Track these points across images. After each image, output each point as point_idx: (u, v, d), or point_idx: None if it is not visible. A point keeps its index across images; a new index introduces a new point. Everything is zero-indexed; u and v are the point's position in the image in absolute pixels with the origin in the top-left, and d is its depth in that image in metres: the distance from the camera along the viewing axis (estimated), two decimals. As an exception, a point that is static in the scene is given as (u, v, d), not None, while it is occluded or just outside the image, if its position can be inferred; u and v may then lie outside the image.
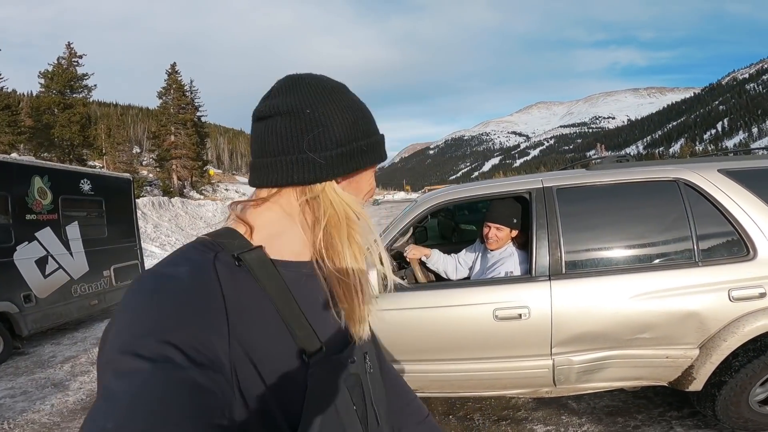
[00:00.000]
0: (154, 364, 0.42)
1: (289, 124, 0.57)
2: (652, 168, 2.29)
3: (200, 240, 0.57)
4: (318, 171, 0.57)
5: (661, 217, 2.20)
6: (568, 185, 2.28)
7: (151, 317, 0.46)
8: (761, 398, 2.16)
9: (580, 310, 2.10)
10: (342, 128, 0.58)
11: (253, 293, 0.54)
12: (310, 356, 0.56)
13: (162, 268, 0.52)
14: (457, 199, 2.44)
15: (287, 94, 0.58)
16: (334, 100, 0.59)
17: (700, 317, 2.04)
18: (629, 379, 2.23)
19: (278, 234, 0.60)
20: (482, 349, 2.21)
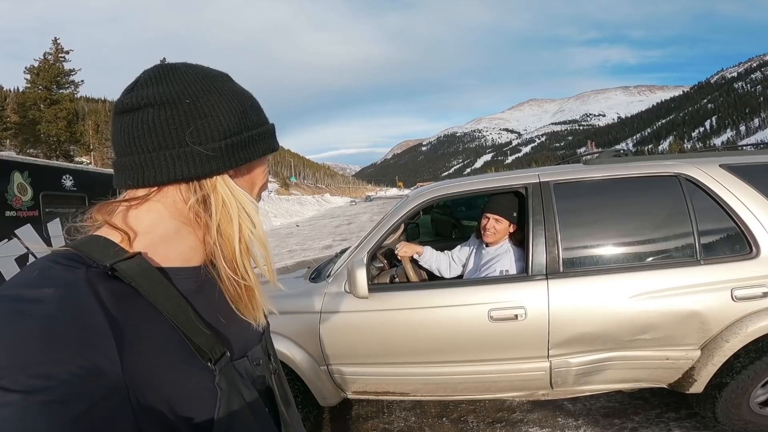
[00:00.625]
0: (26, 396, 0.36)
1: (167, 116, 0.50)
2: (652, 163, 2.21)
3: (60, 253, 0.48)
4: (206, 164, 0.51)
5: (662, 214, 2.12)
6: (566, 180, 2.19)
7: (15, 348, 0.38)
8: (762, 400, 2.10)
9: (578, 311, 2.01)
10: (229, 118, 0.53)
11: (140, 307, 0.48)
12: (215, 362, 0.53)
13: (17, 291, 0.43)
14: (450, 194, 2.34)
15: (161, 84, 0.51)
16: (218, 89, 0.54)
17: (701, 317, 1.97)
18: (628, 381, 2.17)
19: (163, 239, 0.53)
20: (477, 351, 2.12)
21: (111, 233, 0.51)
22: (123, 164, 0.52)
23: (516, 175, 2.30)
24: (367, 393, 2.38)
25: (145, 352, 0.47)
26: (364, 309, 2.16)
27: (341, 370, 2.26)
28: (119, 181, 0.53)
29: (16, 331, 0.40)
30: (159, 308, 0.49)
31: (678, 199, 2.08)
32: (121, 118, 0.52)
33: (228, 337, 0.57)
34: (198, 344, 0.51)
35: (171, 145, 0.50)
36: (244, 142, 0.54)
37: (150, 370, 0.47)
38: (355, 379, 2.30)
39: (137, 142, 0.50)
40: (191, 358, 0.51)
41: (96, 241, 0.50)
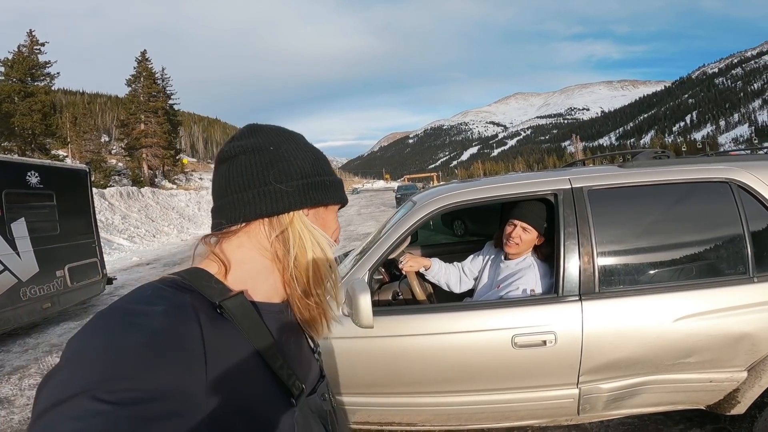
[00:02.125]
0: (117, 409, 0.39)
1: (255, 160, 0.58)
2: (699, 167, 1.95)
3: (169, 279, 0.54)
4: (286, 200, 0.58)
5: (711, 225, 1.88)
6: (602, 186, 1.91)
7: (118, 359, 0.42)
8: None
9: (616, 335, 1.76)
10: (305, 162, 0.61)
11: (235, 341, 0.53)
12: (297, 399, 0.57)
13: (131, 305, 0.48)
14: (464, 201, 2.01)
15: (250, 137, 0.61)
16: (294, 140, 0.63)
17: (752, 339, 1.76)
18: (664, 404, 1.96)
19: (251, 273, 0.59)
20: (497, 380, 1.86)
21: (209, 264, 0.58)
22: (219, 206, 0.60)
23: (543, 180, 2.00)
24: (369, 424, 2.11)
25: (233, 382, 0.50)
26: (368, 335, 1.87)
27: (341, 401, 1.99)
28: (216, 224, 0.60)
29: (121, 342, 0.43)
30: (252, 344, 0.54)
31: (729, 209, 1.84)
32: (221, 167, 0.61)
33: (302, 373, 0.61)
34: (283, 381, 0.56)
35: (257, 184, 0.58)
36: (317, 185, 0.61)
37: (235, 400, 0.50)
38: (357, 409, 2.03)
39: (231, 184, 0.58)
40: (276, 393, 0.56)
41: (199, 273, 0.56)
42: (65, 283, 5.69)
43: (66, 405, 0.39)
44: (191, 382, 0.45)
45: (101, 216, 16.22)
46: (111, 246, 13.64)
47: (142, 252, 13.62)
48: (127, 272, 9.70)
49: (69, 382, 0.40)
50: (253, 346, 0.54)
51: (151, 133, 36.85)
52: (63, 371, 0.42)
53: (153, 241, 16.43)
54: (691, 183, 1.90)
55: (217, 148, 40.39)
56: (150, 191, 22.44)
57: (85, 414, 0.38)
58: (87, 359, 0.42)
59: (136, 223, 18.11)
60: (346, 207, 1.99)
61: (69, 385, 0.40)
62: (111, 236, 15.11)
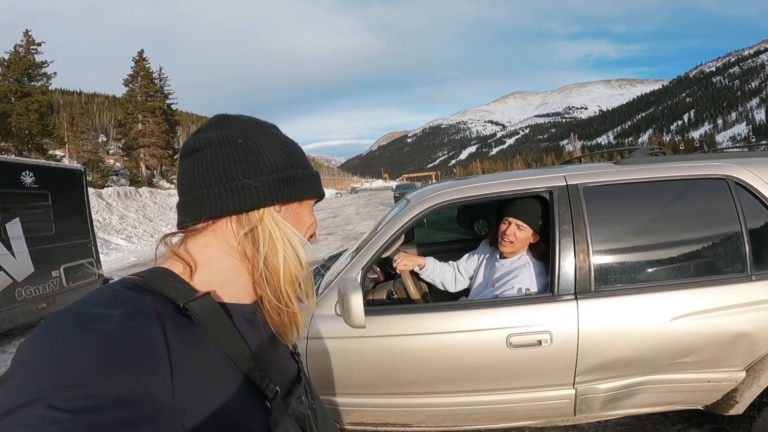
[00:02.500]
0: (75, 417, 0.37)
1: (221, 154, 0.55)
2: (695, 163, 1.92)
3: (129, 281, 0.51)
4: (254, 197, 0.55)
5: (708, 223, 1.86)
6: (597, 183, 1.89)
7: (73, 365, 0.39)
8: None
9: (612, 334, 1.74)
10: (276, 156, 0.58)
11: (203, 344, 0.50)
12: (271, 402, 0.55)
13: (86, 308, 0.46)
14: (459, 198, 1.99)
15: (218, 128, 0.58)
16: (266, 132, 0.59)
17: (751, 338, 1.73)
18: (661, 405, 1.93)
19: (219, 274, 0.56)
20: (493, 380, 1.83)
21: (173, 264, 0.55)
22: (184, 202, 0.56)
23: (538, 177, 1.98)
24: (363, 425, 2.08)
25: (202, 386, 0.48)
26: (360, 335, 1.84)
27: (333, 401, 1.96)
28: (180, 221, 0.57)
29: (76, 347, 0.41)
30: (222, 346, 0.52)
31: (727, 206, 1.81)
32: (185, 161, 0.57)
33: (276, 376, 0.59)
34: (256, 383, 0.54)
35: (224, 179, 0.54)
36: (289, 179, 0.58)
37: (206, 405, 0.48)
38: (350, 410, 2.00)
39: (196, 179, 0.55)
40: (249, 397, 0.53)
41: (161, 273, 0.53)
42: (61, 283, 5.67)
43: (19, 413, 0.36)
44: (155, 388, 0.43)
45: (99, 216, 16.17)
46: (108, 246, 13.60)
47: (140, 252, 13.57)
48: (125, 272, 9.66)
49: (21, 389, 0.38)
50: (222, 349, 0.51)
51: (148, 133, 36.83)
52: (14, 378, 0.39)
53: (151, 242, 16.40)
54: (688, 180, 1.87)
55: (215, 148, 41.12)
56: (148, 191, 22.40)
57: (40, 422, 0.35)
58: (40, 365, 0.39)
59: (133, 223, 18.07)
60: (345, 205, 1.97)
61: (21, 392, 0.37)
62: (108, 236, 15.07)
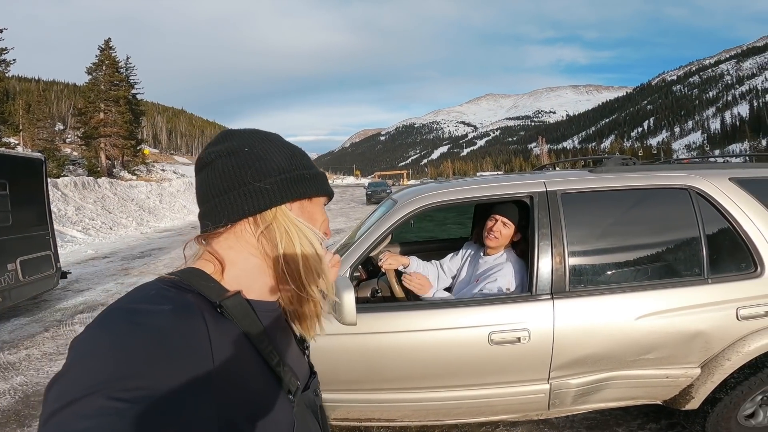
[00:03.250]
0: (132, 407, 0.39)
1: (231, 163, 0.59)
2: (662, 173, 2.08)
3: (169, 280, 0.55)
4: (266, 197, 0.58)
5: (672, 229, 2.02)
6: (574, 189, 2.01)
7: (130, 358, 0.42)
8: (749, 413, 2.10)
9: (584, 332, 1.86)
10: (281, 159, 0.61)
11: (237, 339, 0.54)
12: (294, 395, 0.59)
13: (136, 305, 0.49)
14: (446, 201, 2.07)
15: (225, 141, 0.62)
16: (269, 140, 0.63)
17: (706, 337, 1.89)
18: (625, 399, 2.08)
19: (245, 272, 0.60)
20: (475, 376, 1.92)
21: (204, 265, 0.59)
22: (204, 211, 0.60)
23: (520, 182, 2.09)
24: (349, 420, 2.13)
25: (236, 379, 0.51)
26: (347, 332, 1.88)
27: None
28: (203, 227, 0.60)
29: (131, 341, 0.43)
30: (253, 343, 0.56)
31: (688, 214, 1.97)
32: (200, 175, 0.61)
33: (296, 370, 0.63)
34: (282, 377, 0.58)
35: (236, 185, 0.58)
36: (297, 178, 0.61)
37: (239, 397, 0.51)
38: (336, 406, 2.05)
39: (211, 189, 0.59)
40: (275, 390, 0.57)
41: (196, 273, 0.57)
42: (17, 276, 5.35)
43: (79, 404, 0.38)
44: (200, 380, 0.46)
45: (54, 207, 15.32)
46: (64, 238, 12.91)
47: (98, 245, 12.95)
48: (82, 266, 9.19)
49: (80, 382, 0.40)
50: (252, 345, 0.55)
51: (110, 123, 35.20)
52: (73, 371, 0.42)
53: (110, 234, 15.70)
54: (655, 189, 2.02)
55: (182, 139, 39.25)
56: (107, 182, 21.40)
57: (99, 413, 0.38)
58: (98, 359, 0.42)
59: (91, 214, 17.23)
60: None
61: (80, 384, 0.40)
62: (64, 228, 14.32)
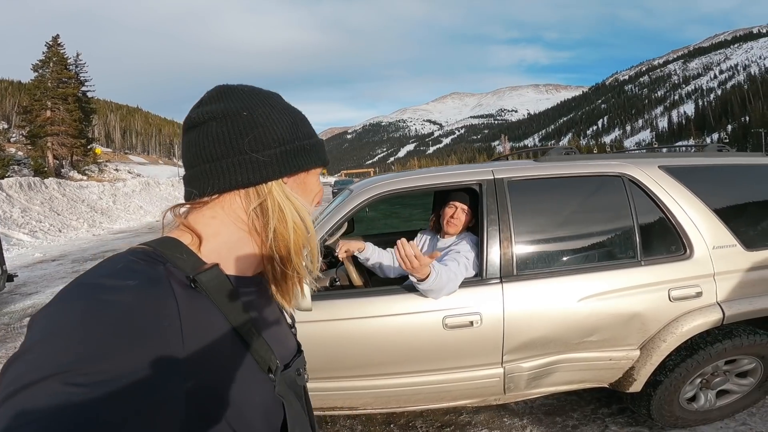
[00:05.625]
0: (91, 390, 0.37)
1: (227, 127, 0.54)
2: (599, 162, 2.19)
3: (141, 250, 0.51)
4: (263, 170, 0.55)
5: (608, 215, 2.12)
6: (520, 177, 2.10)
7: (90, 339, 0.39)
8: (689, 396, 2.20)
9: (531, 315, 1.94)
10: (282, 128, 0.57)
11: (211, 315, 0.51)
12: (274, 374, 0.56)
13: (101, 279, 0.45)
14: (399, 189, 2.11)
15: (220, 101, 0.56)
16: (270, 104, 0.58)
17: (642, 318, 1.98)
18: (574, 383, 2.15)
19: (227, 245, 0.57)
20: (432, 360, 1.97)
21: (182, 235, 0.55)
22: (191, 176, 0.56)
23: (469, 171, 2.16)
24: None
25: (210, 357, 0.48)
26: (307, 319, 1.88)
27: None
28: (188, 193, 0.57)
29: (92, 320, 0.40)
30: (228, 318, 0.52)
31: (622, 200, 2.08)
32: (189, 134, 0.56)
33: (277, 348, 0.59)
34: (261, 355, 0.55)
35: (231, 153, 0.54)
36: (296, 150, 0.58)
37: (213, 377, 0.48)
38: None
39: (202, 153, 0.54)
40: (253, 369, 0.54)
41: (171, 243, 0.53)
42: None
43: (37, 386, 0.36)
44: (169, 360, 0.43)
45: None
46: (9, 242, 12.08)
47: (46, 248, 12.20)
48: (30, 269, 8.66)
49: (39, 364, 0.38)
50: (228, 321, 0.52)
51: (58, 121, 33.30)
52: (29, 352, 0.39)
53: (59, 236, 14.83)
54: (592, 176, 2.13)
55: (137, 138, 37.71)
56: (55, 182, 20.18)
57: (56, 397, 0.36)
58: (57, 339, 0.39)
59: (38, 216, 16.20)
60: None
61: (39, 366, 0.37)
62: (9, 231, 13.41)
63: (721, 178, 2.23)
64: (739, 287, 2.04)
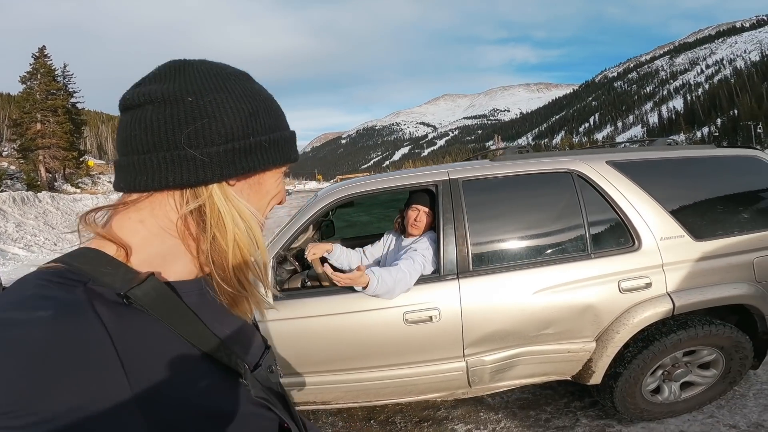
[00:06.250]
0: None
1: (164, 115, 0.46)
2: (549, 159, 2.27)
3: (52, 269, 0.43)
4: (201, 170, 0.46)
5: (559, 210, 2.19)
6: (474, 177, 2.18)
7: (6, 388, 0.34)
8: (652, 388, 2.23)
9: (488, 309, 2.02)
10: (235, 120, 0.48)
11: (155, 332, 0.45)
12: (244, 377, 0.51)
13: (8, 313, 0.38)
14: (361, 192, 2.22)
15: (166, 80, 0.47)
16: (227, 88, 0.49)
17: (594, 310, 2.03)
18: (537, 376, 2.20)
19: (159, 255, 0.49)
20: (395, 355, 2.05)
21: (104, 244, 0.47)
22: (120, 165, 0.49)
23: (426, 173, 2.26)
24: None
25: (163, 376, 0.43)
26: (273, 318, 1.98)
27: None
28: (116, 183, 0.50)
29: (8, 363, 0.35)
30: (176, 330, 0.46)
31: (571, 195, 2.15)
32: (123, 116, 0.48)
33: (241, 349, 0.55)
34: (224, 362, 0.49)
35: (164, 146, 0.45)
36: (249, 148, 0.49)
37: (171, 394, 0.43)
38: None
39: (132, 142, 0.46)
40: (219, 377, 0.49)
41: (92, 256, 0.45)
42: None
43: None
44: (109, 392, 0.39)
45: (-10, 225, 14.29)
46: (5, 256, 12.08)
47: (42, 261, 12.15)
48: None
49: None
50: (177, 334, 0.46)
51: (49, 133, 33.19)
52: None
53: (55, 250, 14.81)
54: (543, 174, 2.21)
55: (130, 149, 37.55)
56: (49, 196, 20.14)
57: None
58: None
59: (33, 230, 16.17)
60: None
61: None
62: (4, 245, 13.39)
63: (668, 171, 2.30)
64: (689, 277, 2.08)
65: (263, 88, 0.53)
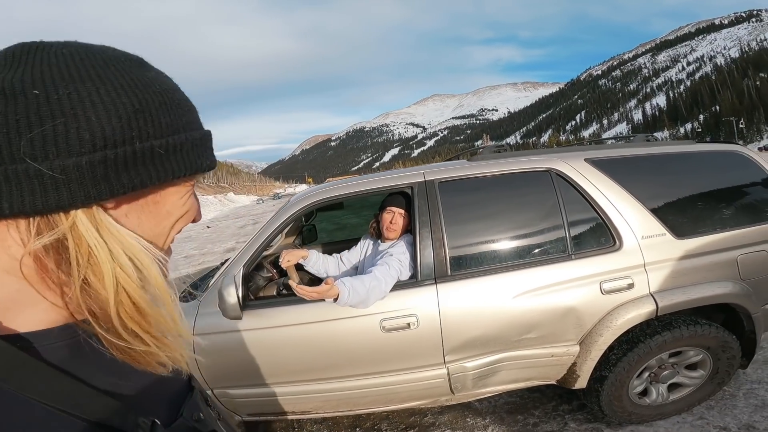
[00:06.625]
0: None
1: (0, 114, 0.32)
2: (528, 158, 2.20)
3: None
4: (51, 192, 0.33)
5: (538, 210, 2.12)
6: (450, 178, 2.11)
7: None
8: (639, 390, 2.18)
9: (468, 314, 1.95)
10: (109, 119, 0.34)
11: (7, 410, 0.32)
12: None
13: None
14: (334, 196, 2.13)
15: (12, 67, 0.34)
16: (101, 77, 0.35)
17: (577, 313, 1.96)
18: (521, 381, 2.14)
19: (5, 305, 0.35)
20: (372, 363, 1.98)
21: None
22: None
23: (401, 175, 2.18)
24: (264, 414, 2.14)
25: None
26: (246, 328, 1.92)
27: (228, 393, 2.02)
28: None
29: None
30: (41, 402, 0.34)
31: (551, 195, 2.08)
32: None
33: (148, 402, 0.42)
34: (117, 428, 0.37)
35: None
36: (133, 157, 0.35)
37: None
38: (247, 401, 2.06)
39: None
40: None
41: None
42: None
43: None
44: None
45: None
46: None
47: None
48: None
49: None
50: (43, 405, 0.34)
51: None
52: None
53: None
54: (521, 173, 2.14)
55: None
56: None
57: None
58: None
59: None
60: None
61: None
62: None
63: (648, 168, 2.24)
64: (672, 277, 2.02)
65: (163, 76, 0.40)
